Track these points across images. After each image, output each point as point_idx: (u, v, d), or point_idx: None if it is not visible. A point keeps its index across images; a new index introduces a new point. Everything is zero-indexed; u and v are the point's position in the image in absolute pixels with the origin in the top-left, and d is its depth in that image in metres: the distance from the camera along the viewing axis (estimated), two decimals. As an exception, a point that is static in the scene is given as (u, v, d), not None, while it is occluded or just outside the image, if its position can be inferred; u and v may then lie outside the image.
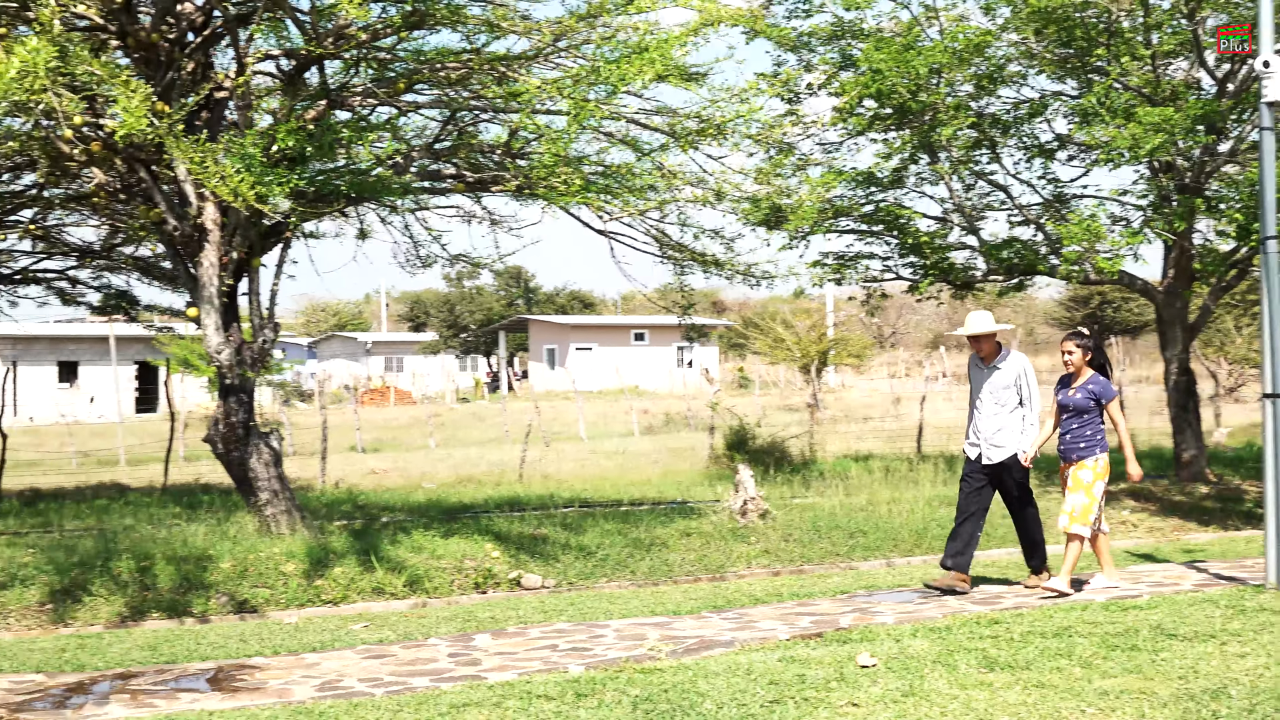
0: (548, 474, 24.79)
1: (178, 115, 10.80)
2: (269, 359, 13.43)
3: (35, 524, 16.79)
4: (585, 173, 13.36)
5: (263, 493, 13.16)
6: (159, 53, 12.45)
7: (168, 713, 7.41)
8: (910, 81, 16.77)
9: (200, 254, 12.71)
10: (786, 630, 9.40)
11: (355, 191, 13.02)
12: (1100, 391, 10.78)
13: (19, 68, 9.59)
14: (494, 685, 7.65)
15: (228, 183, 10.55)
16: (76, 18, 12.06)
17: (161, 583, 11.76)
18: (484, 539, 13.29)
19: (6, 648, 9.95)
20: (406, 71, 13.07)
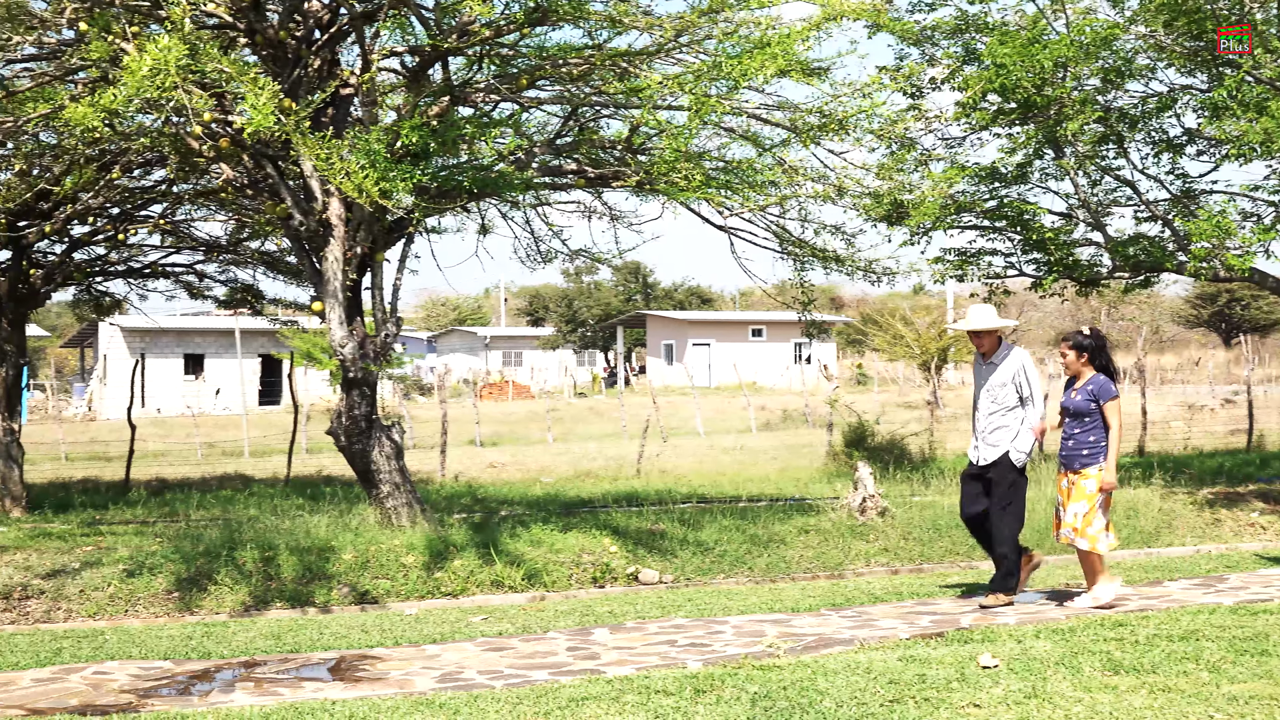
0: (665, 469, 24.81)
1: (304, 112, 10.94)
2: (391, 353, 13.57)
3: (162, 514, 17.13)
4: (706, 168, 13.33)
5: (384, 485, 13.30)
6: (286, 50, 12.63)
7: (292, 701, 7.51)
8: (1035, 76, 16.53)
9: (325, 249, 12.87)
10: (906, 629, 9.32)
11: (477, 187, 13.10)
12: (1099, 391, 10.20)
13: (151, 66, 9.76)
14: (612, 680, 7.66)
15: (352, 179, 10.67)
16: (206, 16, 12.27)
17: (285, 573, 11.94)
18: (602, 534, 13.33)
19: (135, 635, 10.16)
20: (529, 68, 13.13)
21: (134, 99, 10.10)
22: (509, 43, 12.91)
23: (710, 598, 11.37)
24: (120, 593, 11.51)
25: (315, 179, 12.60)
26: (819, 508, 15.35)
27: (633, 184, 13.59)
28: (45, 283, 18.71)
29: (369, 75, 12.63)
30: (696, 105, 11.80)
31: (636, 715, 6.69)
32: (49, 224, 17.25)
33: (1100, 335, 10.52)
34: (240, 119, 11.70)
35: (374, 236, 13.28)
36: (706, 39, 12.67)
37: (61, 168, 15.99)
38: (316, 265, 13.22)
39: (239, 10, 12.31)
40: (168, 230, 19.56)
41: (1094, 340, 10.39)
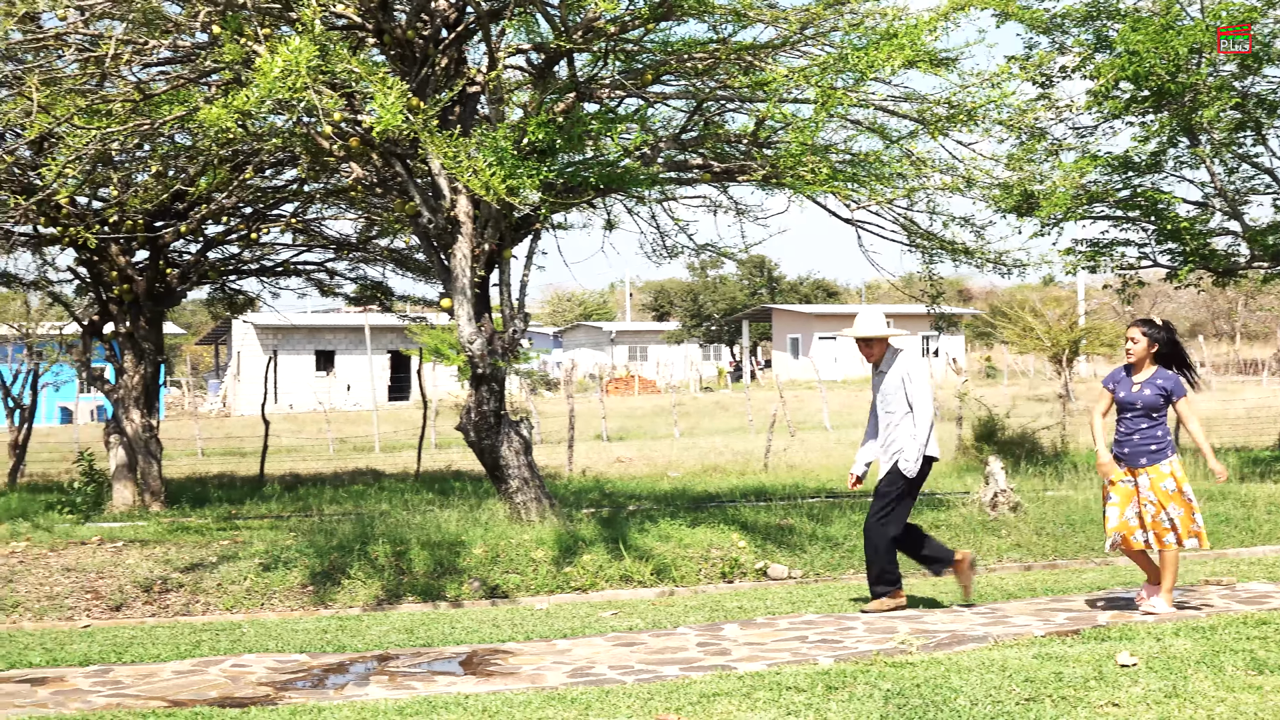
0: (793, 464, 24.72)
1: (432, 111, 11.03)
2: (519, 348, 13.65)
3: (296, 508, 17.40)
4: (832, 161, 13.25)
5: (513, 480, 13.39)
6: (414, 49, 12.75)
7: (425, 695, 7.58)
8: (1169, 62, 16.22)
9: (453, 246, 12.98)
10: (1041, 626, 9.17)
11: (603, 183, 13.13)
12: (1172, 387, 9.64)
13: (282, 67, 9.89)
14: (743, 675, 7.63)
15: (480, 176, 10.73)
16: (335, 17, 12.43)
17: (416, 567, 12.07)
18: (730, 528, 13.30)
19: (272, 628, 10.33)
20: (654, 63, 13.14)
21: (266, 100, 10.23)
22: (634, 38, 12.92)
23: (840, 593, 11.29)
24: (256, 586, 11.71)
25: (443, 177, 12.72)
26: (949, 502, 15.20)
27: (758, 178, 13.53)
28: (181, 281, 19.07)
29: (495, 73, 12.70)
30: (822, 98, 11.73)
31: (768, 712, 6.66)
32: (184, 224, 17.59)
33: (1173, 329, 9.96)
34: (369, 118, 11.83)
35: (501, 233, 13.37)
36: (832, 31, 12.59)
37: (196, 168, 16.30)
38: (445, 262, 13.34)
39: (368, 11, 12.45)
40: (299, 229, 19.86)
41: (1167, 333, 9.82)
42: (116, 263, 17.84)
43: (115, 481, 17.95)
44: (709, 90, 13.62)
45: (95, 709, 7.51)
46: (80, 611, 11.21)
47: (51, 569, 12.26)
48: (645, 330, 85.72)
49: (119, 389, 18.18)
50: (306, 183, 18.07)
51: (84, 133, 11.65)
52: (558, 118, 12.59)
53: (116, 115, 12.26)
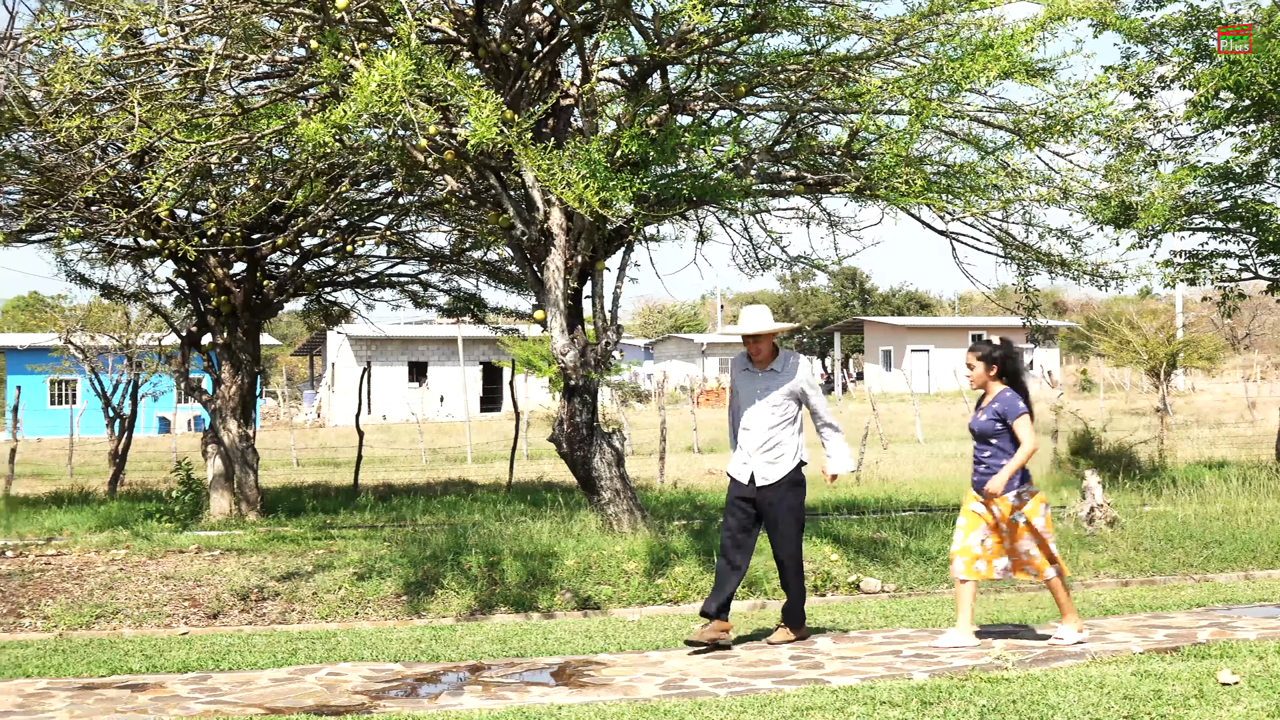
0: (885, 477, 24.56)
1: (526, 124, 11.08)
2: (611, 360, 13.67)
3: (390, 518, 17.52)
4: (927, 173, 13.17)
5: (605, 492, 13.41)
6: (508, 63, 12.82)
7: (519, 705, 7.60)
8: (1271, 71, 15.95)
9: (546, 258, 13.03)
10: (1140, 643, 9.04)
11: (696, 195, 13.13)
12: (1005, 410, 9.17)
13: (379, 81, 9.98)
14: (837, 690, 7.59)
15: (574, 189, 10.76)
16: (431, 31, 12.53)
17: (509, 578, 12.11)
18: (822, 542, 13.24)
19: (366, 637, 10.40)
20: (747, 75, 13.12)
21: (363, 114, 10.33)
22: (727, 50, 12.92)
23: (934, 608, 11.20)
24: (351, 595, 11.80)
25: (537, 189, 12.78)
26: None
27: (852, 189, 13.49)
28: (278, 293, 19.29)
29: (589, 86, 12.74)
30: (917, 109, 11.66)
31: (862, 726, 6.62)
32: (281, 236, 17.79)
33: (1011, 345, 9.52)
34: (464, 131, 11.91)
35: (594, 245, 13.41)
36: (927, 42, 12.51)
37: (293, 182, 16.48)
38: (538, 274, 13.39)
39: (462, 25, 12.54)
40: (393, 241, 20.01)
41: (1004, 351, 9.40)
42: (215, 275, 18.07)
43: (213, 491, 18.17)
44: (802, 102, 13.58)
45: (194, 715, 7.61)
46: (179, 619, 11.36)
47: (151, 576, 12.43)
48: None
49: (216, 399, 18.41)
50: (401, 195, 18.20)
51: (184, 147, 11.82)
52: (651, 130, 12.61)
53: (216, 129, 12.43)
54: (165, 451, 39.21)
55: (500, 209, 13.57)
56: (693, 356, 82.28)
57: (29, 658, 9.62)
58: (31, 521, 17.53)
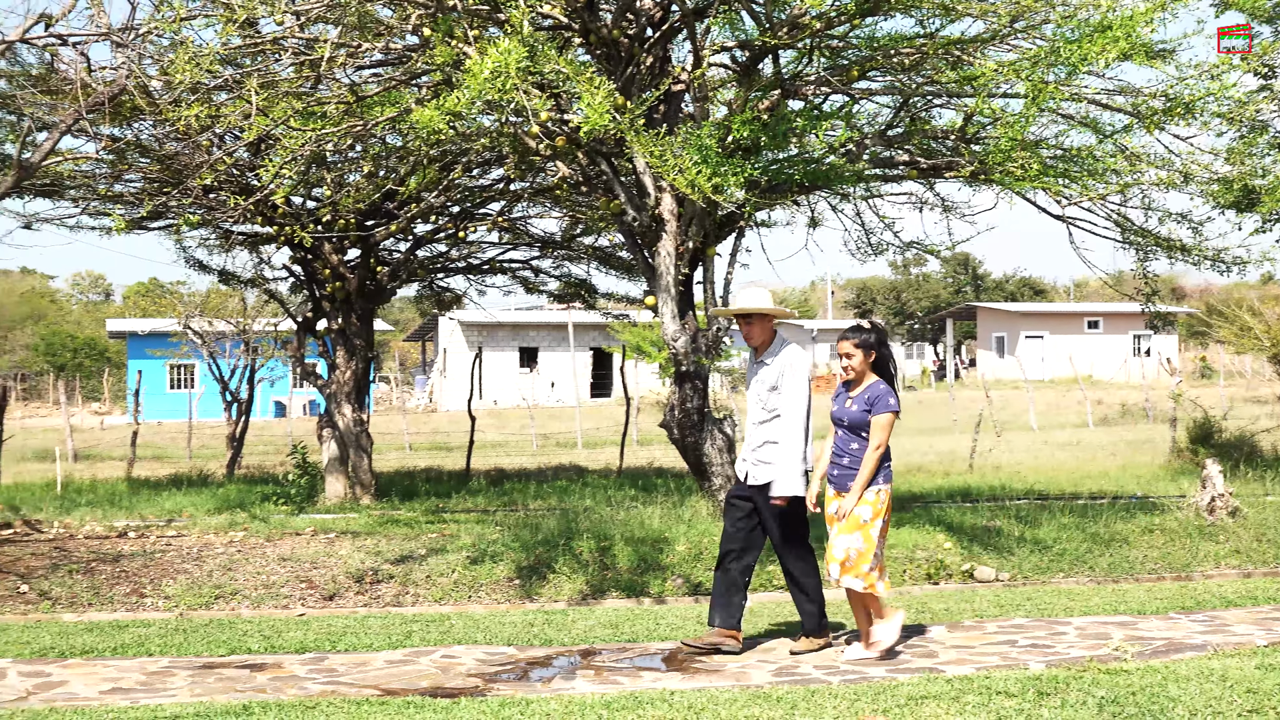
0: (999, 465, 24.29)
1: (638, 110, 11.07)
2: (722, 346, 13.63)
3: (501, 503, 17.64)
4: (1043, 156, 12.98)
5: (716, 478, 13.38)
6: (619, 48, 12.81)
7: (631, 690, 7.62)
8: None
9: (657, 244, 13.02)
10: (1264, 636, 8.87)
11: (808, 180, 13.05)
12: (875, 401, 8.57)
13: (492, 68, 10.01)
14: (951, 679, 7.52)
15: (685, 175, 10.74)
16: (542, 17, 12.55)
17: (620, 563, 12.14)
18: (935, 529, 13.12)
19: (480, 620, 10.48)
20: (859, 59, 13.01)
21: (476, 101, 10.38)
22: (839, 34, 12.82)
23: (1050, 597, 11.05)
24: (464, 579, 11.89)
25: (648, 175, 12.77)
26: (1163, 506, 14.78)
27: (966, 174, 13.33)
28: (391, 279, 19.47)
29: (700, 71, 12.71)
30: (1033, 92, 11.48)
31: (977, 716, 6.55)
32: (394, 223, 17.95)
33: (883, 330, 8.88)
34: (576, 118, 11.93)
35: (705, 231, 13.37)
36: (1043, 24, 12.33)
37: (406, 169, 16.62)
38: (649, 260, 13.39)
39: (574, 11, 12.55)
40: (505, 227, 20.11)
41: (879, 336, 8.81)
42: (329, 261, 18.27)
43: (328, 474, 18.40)
44: (915, 86, 13.44)
45: (311, 695, 7.71)
46: (295, 600, 11.51)
47: (268, 558, 12.62)
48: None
49: (331, 384, 18.62)
50: (513, 182, 18.29)
51: (300, 134, 11.95)
52: (762, 115, 12.55)
53: (331, 117, 12.55)
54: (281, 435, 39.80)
55: (611, 195, 13.58)
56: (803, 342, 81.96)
57: (151, 636, 9.82)
58: (152, 503, 17.87)
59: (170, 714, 7.21)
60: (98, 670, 8.67)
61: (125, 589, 11.74)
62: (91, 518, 16.07)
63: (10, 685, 8.23)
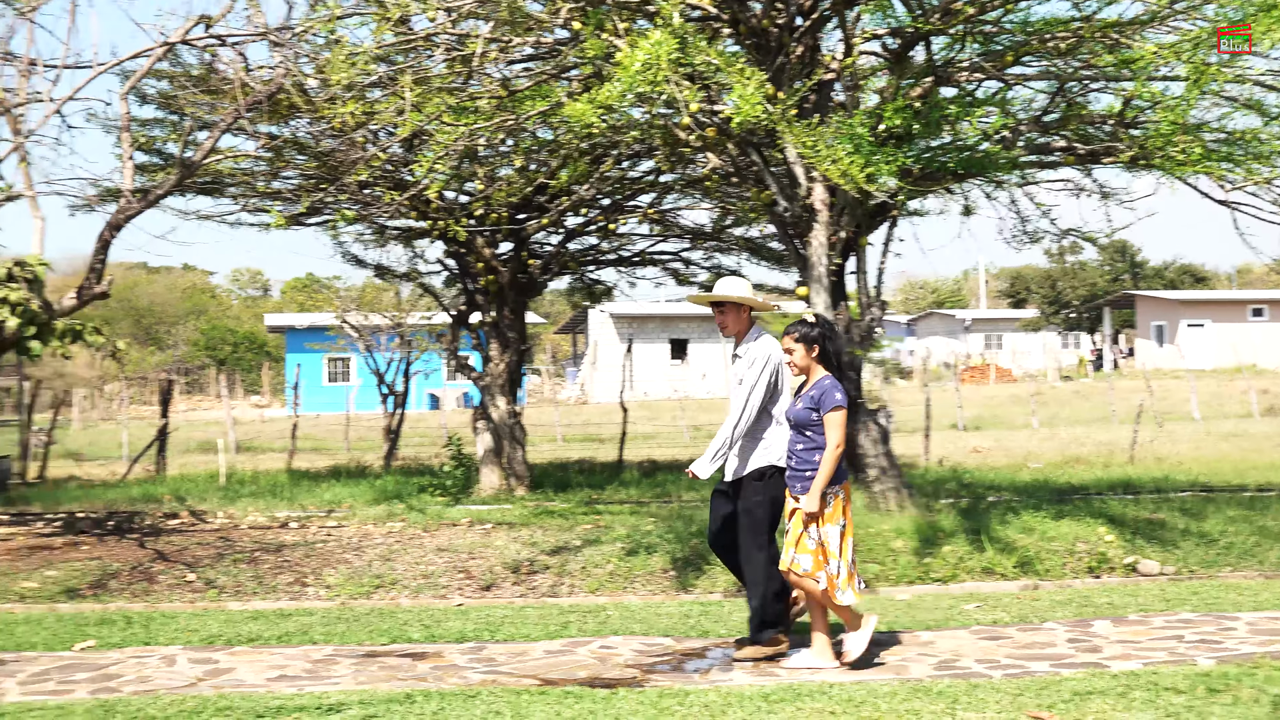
0: (1160, 456, 23.78)
1: (790, 100, 11.01)
2: (875, 337, 13.53)
3: (655, 494, 17.65)
4: (1205, 140, 12.65)
5: (871, 469, 13.28)
6: (769, 39, 12.76)
7: (789, 682, 7.59)
8: None
9: (809, 234, 12.94)
10: None
11: (962, 168, 12.88)
12: (820, 397, 8.16)
13: (643, 61, 10.03)
14: (1117, 674, 7.37)
15: (838, 165, 10.66)
16: (691, 9, 12.53)
17: (775, 555, 12.08)
18: (1096, 522, 12.87)
19: (636, 611, 10.50)
20: (1014, 44, 12.80)
21: (627, 94, 10.40)
22: (993, 19, 12.62)
23: (1217, 592, 10.77)
24: (619, 570, 11.92)
25: (799, 165, 12.69)
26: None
27: (1125, 160, 13.06)
28: (542, 272, 19.59)
29: (851, 60, 12.61)
30: (1195, 75, 11.19)
31: (1145, 713, 6.41)
32: (546, 216, 18.06)
33: (828, 324, 8.51)
34: (727, 108, 11.90)
35: (857, 220, 13.27)
36: (1205, 4, 12.01)
37: (557, 162, 16.72)
38: (801, 250, 13.31)
39: (723, 2, 12.52)
40: (655, 219, 20.12)
41: (822, 330, 8.40)
42: (482, 254, 18.44)
43: (482, 466, 18.57)
44: (1072, 70, 13.19)
45: (472, 684, 7.79)
46: (453, 590, 11.63)
47: (425, 549, 12.78)
48: (1001, 318, 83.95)
49: (486, 376, 18.80)
50: (663, 173, 18.32)
51: (452, 129, 12.07)
52: (914, 103, 12.42)
53: (483, 112, 12.66)
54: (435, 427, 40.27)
55: (762, 185, 13.53)
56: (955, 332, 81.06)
57: (314, 625, 10.00)
58: (312, 494, 18.18)
59: (335, 701, 7.34)
60: (264, 657, 8.86)
61: (288, 578, 11.97)
62: (254, 508, 16.42)
63: (180, 671, 8.45)
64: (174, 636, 9.65)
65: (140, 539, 13.73)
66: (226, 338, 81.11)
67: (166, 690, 7.89)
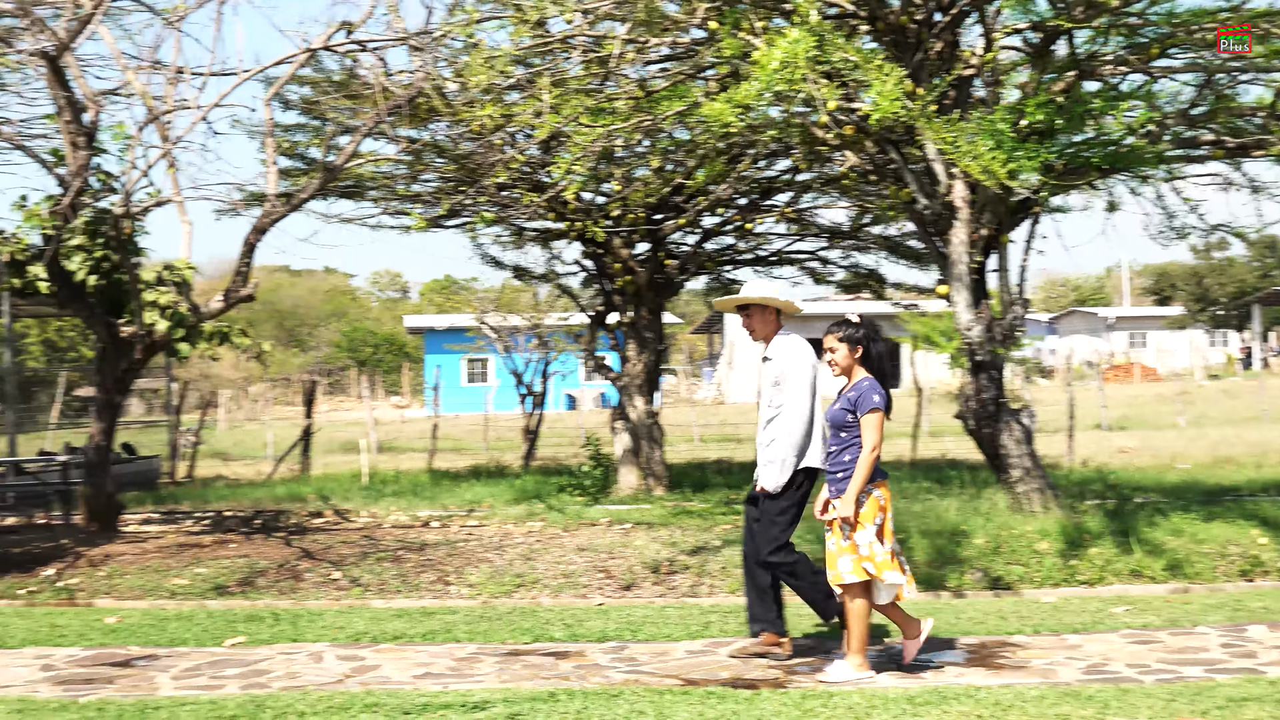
0: (1316, 456, 23.16)
1: (930, 96, 10.89)
2: (1017, 335, 13.34)
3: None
4: (1362, 131, 12.31)
5: (1014, 470, 13.09)
6: (907, 35, 12.63)
7: (934, 684, 7.51)
8: None
9: (949, 232, 12.80)
10: None
11: (1106, 163, 12.65)
12: (858, 399, 8.03)
13: (780, 59, 9.99)
14: (1274, 680, 7.19)
15: (979, 161, 10.52)
16: (828, 5, 12.45)
17: (917, 555, 11.94)
18: (1249, 524, 12.55)
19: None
20: (1159, 36, 12.53)
21: (764, 93, 10.36)
22: (1137, 11, 12.37)
23: (1382, 597, 10.45)
24: (758, 571, 11.85)
25: (939, 162, 12.55)
26: None
27: (1277, 152, 12.73)
28: (679, 272, 19.61)
29: (991, 55, 12.44)
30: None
31: (1304, 720, 6.25)
32: (682, 216, 18.07)
33: (872, 324, 8.31)
34: (865, 106, 11.80)
35: (999, 218, 13.09)
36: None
37: (694, 162, 16.71)
38: (941, 248, 13.16)
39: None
40: (792, 218, 20.04)
41: (867, 330, 8.24)
42: (619, 255, 18.51)
43: (621, 466, 18.64)
44: (1220, 62, 12.89)
45: (614, 684, 7.82)
46: (593, 589, 11.67)
47: (566, 548, 12.84)
48: (1145, 316, 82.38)
49: (623, 377, 18.86)
50: (800, 172, 18.24)
51: (590, 130, 12.13)
52: (1057, 97, 12.22)
53: (620, 112, 12.70)
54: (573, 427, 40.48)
55: (901, 183, 13.41)
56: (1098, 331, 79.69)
57: (457, 623, 10.10)
58: (453, 493, 18.38)
59: (480, 699, 7.40)
60: (408, 655, 8.97)
61: (431, 577, 12.10)
62: (396, 507, 16.65)
63: (328, 668, 8.58)
64: (320, 633, 9.81)
65: (286, 537, 13.97)
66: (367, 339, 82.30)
67: (314, 686, 8.02)
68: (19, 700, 7.80)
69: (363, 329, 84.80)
